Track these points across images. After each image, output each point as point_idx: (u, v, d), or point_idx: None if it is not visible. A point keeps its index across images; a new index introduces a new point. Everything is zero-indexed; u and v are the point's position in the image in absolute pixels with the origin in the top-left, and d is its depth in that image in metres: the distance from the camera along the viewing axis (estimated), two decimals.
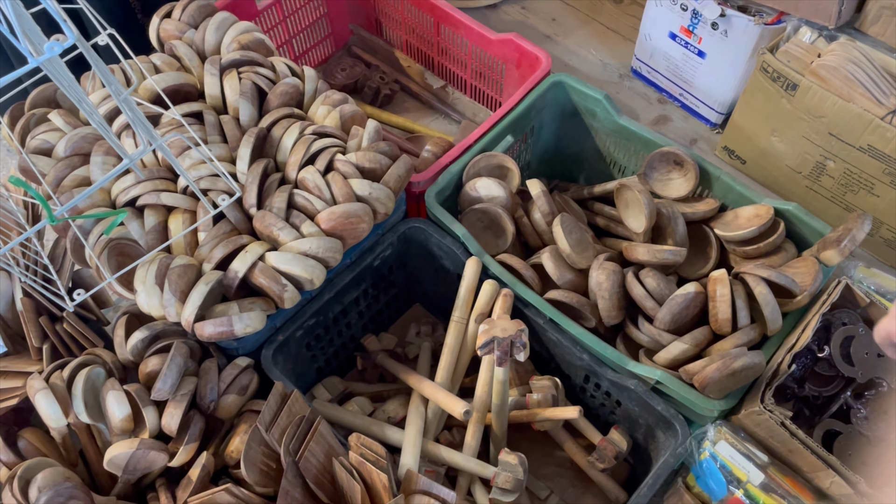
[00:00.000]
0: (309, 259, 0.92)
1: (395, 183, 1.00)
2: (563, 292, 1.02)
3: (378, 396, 1.14)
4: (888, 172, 1.06)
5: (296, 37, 1.49)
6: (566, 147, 1.32)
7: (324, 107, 1.08)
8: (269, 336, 0.99)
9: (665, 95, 1.42)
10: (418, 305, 1.28)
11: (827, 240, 0.98)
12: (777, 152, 1.19)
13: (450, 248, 1.06)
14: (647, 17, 1.31)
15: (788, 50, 1.08)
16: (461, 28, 1.34)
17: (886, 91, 1.03)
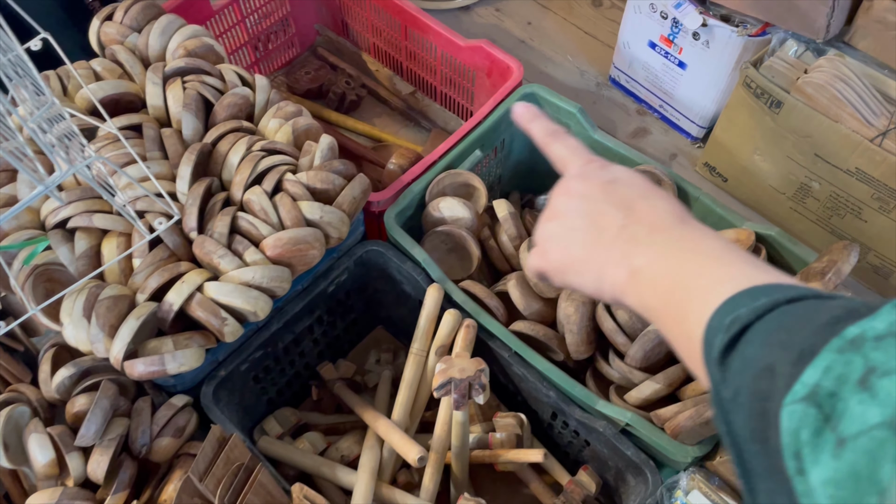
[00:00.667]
0: (252, 290, 0.85)
1: (350, 205, 0.93)
2: (530, 324, 0.95)
3: (335, 429, 1.07)
4: (876, 197, 0.99)
5: (257, 38, 1.41)
6: (540, 161, 1.23)
7: (275, 120, 1.00)
8: (211, 371, 0.91)
9: (644, 106, 1.35)
10: (381, 328, 1.21)
11: (811, 270, 0.91)
12: (760, 171, 1.12)
13: (410, 274, 0.99)
14: (625, 24, 1.24)
15: (773, 65, 1.01)
16: (430, 33, 1.27)
17: (876, 111, 0.96)
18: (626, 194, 0.51)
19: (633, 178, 0.53)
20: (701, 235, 0.47)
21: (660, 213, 0.49)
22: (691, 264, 0.45)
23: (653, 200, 0.50)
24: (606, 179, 0.52)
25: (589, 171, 0.54)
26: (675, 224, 0.48)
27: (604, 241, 0.50)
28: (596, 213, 0.51)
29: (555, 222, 0.54)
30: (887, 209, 0.99)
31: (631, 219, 0.49)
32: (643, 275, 0.47)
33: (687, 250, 0.46)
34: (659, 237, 0.47)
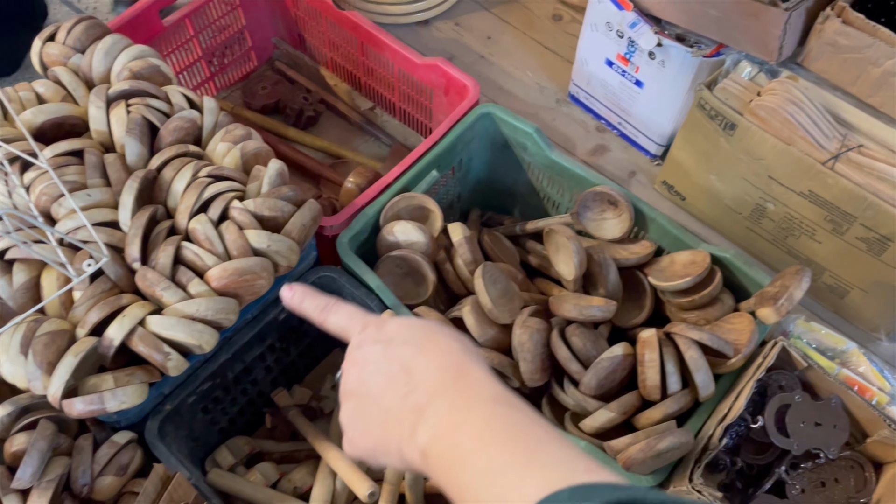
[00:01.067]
0: (196, 323, 0.83)
1: (300, 233, 0.90)
2: (484, 352, 0.93)
3: (290, 457, 1.05)
4: (829, 219, 0.99)
5: (211, 52, 1.38)
6: (499, 180, 1.23)
7: (223, 144, 0.97)
8: (156, 405, 0.89)
9: (604, 123, 1.34)
10: (339, 351, 1.19)
11: (764, 295, 0.91)
12: (717, 191, 1.12)
13: (363, 301, 0.97)
14: (582, 41, 1.23)
15: (726, 87, 1.01)
16: (385, 49, 1.25)
17: (829, 134, 0.96)
18: (402, 355, 0.48)
19: (409, 331, 0.50)
20: (472, 396, 0.44)
21: (435, 372, 0.46)
22: (465, 444, 0.42)
23: (429, 356, 0.47)
24: (383, 341, 0.49)
25: (365, 338, 0.51)
26: (451, 384, 0.45)
27: (392, 418, 0.47)
28: (379, 386, 0.48)
29: (350, 402, 0.51)
30: (840, 231, 0.99)
31: (411, 384, 0.46)
32: (431, 455, 0.44)
33: (460, 424, 0.43)
34: (437, 404, 0.45)
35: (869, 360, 0.95)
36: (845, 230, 0.99)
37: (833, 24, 0.93)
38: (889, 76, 0.92)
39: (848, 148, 0.95)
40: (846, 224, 0.98)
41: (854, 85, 0.97)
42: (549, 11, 1.49)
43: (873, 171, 0.94)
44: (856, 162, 0.95)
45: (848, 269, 1.04)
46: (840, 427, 0.87)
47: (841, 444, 0.86)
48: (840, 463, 0.89)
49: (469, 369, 0.46)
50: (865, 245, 0.98)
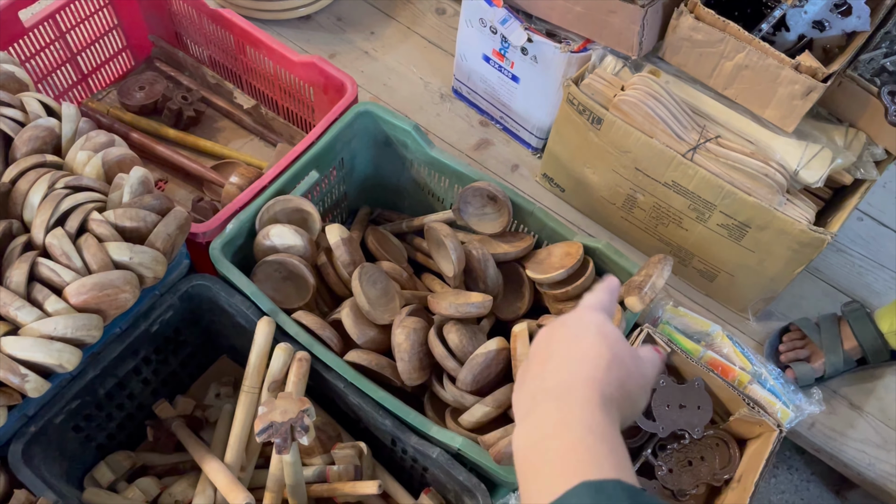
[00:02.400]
0: (55, 342, 0.80)
1: (165, 243, 0.88)
2: (363, 353, 0.94)
3: (175, 469, 1.02)
4: (693, 208, 1.04)
5: (82, 52, 1.32)
6: (385, 177, 1.23)
7: (84, 152, 0.94)
8: (20, 427, 0.85)
9: (487, 118, 1.36)
10: (225, 357, 1.17)
11: (631, 283, 0.94)
12: (592, 183, 1.15)
13: (240, 308, 0.95)
14: (460, 37, 1.24)
15: (592, 82, 1.04)
16: (262, 48, 1.22)
17: (687, 126, 1.00)
18: (561, 343, 0.52)
19: (584, 330, 0.52)
20: (573, 416, 0.47)
21: (564, 375, 0.49)
22: (548, 446, 0.46)
23: (574, 359, 0.50)
24: (565, 325, 0.53)
25: (571, 316, 0.54)
26: (565, 392, 0.48)
27: (524, 390, 0.52)
28: (533, 358, 0.53)
29: (532, 349, 0.55)
30: (703, 219, 1.04)
31: (546, 369, 0.51)
32: (519, 440, 0.48)
33: (557, 427, 0.46)
34: (546, 403, 0.48)
35: (732, 341, 1.00)
36: (707, 218, 1.03)
37: (686, 19, 0.96)
38: (740, 69, 0.97)
39: (706, 139, 0.99)
40: (707, 212, 1.02)
41: (711, 78, 1.01)
42: (432, 5, 1.49)
43: (729, 161, 0.98)
44: (713, 152, 0.99)
45: (713, 254, 1.09)
46: (704, 408, 0.91)
47: (704, 423, 0.90)
48: (706, 442, 0.94)
49: (587, 386, 0.48)
50: (726, 231, 1.03)
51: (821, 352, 1.11)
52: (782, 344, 1.15)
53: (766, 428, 0.90)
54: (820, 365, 1.10)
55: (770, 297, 1.12)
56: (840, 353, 1.09)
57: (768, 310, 1.19)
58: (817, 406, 0.95)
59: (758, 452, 0.90)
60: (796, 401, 0.96)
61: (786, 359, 1.12)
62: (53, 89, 1.31)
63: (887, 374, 1.17)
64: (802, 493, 1.22)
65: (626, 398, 0.50)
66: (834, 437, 1.11)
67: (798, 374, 1.09)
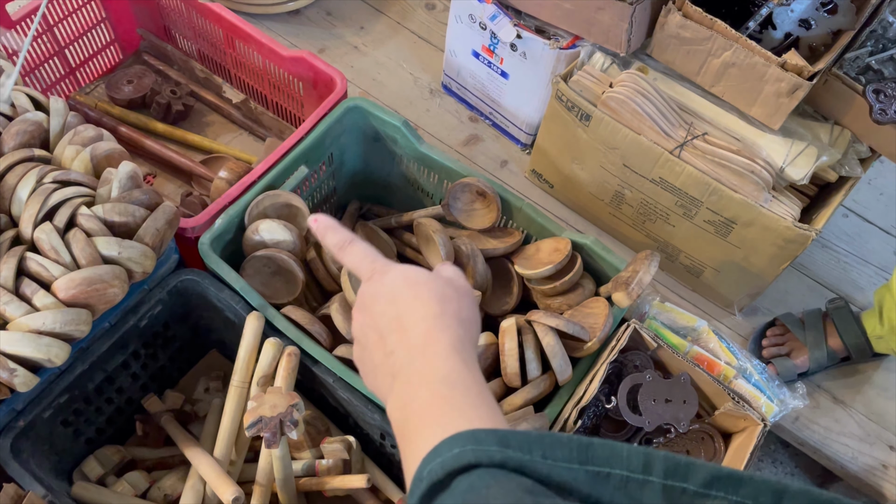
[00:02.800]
0: (43, 337, 0.80)
1: (153, 238, 0.88)
2: (352, 348, 0.94)
3: (164, 463, 1.03)
4: (680, 205, 1.05)
5: (70, 46, 1.32)
6: (374, 172, 1.23)
7: (72, 146, 0.93)
8: (9, 422, 0.85)
9: (476, 113, 1.36)
10: (215, 351, 1.17)
11: (618, 280, 0.95)
12: (580, 179, 1.16)
13: (229, 303, 0.96)
14: (450, 32, 1.25)
15: (580, 79, 1.04)
16: (252, 42, 1.22)
17: (675, 123, 1.01)
18: (388, 313, 0.51)
19: (401, 286, 0.52)
20: (426, 373, 0.47)
21: (407, 339, 0.49)
22: (417, 403, 0.45)
23: (409, 319, 0.50)
24: (381, 295, 0.52)
25: (368, 288, 0.54)
26: (417, 353, 0.48)
27: (379, 373, 0.51)
28: (371, 341, 0.52)
29: (356, 347, 0.55)
30: (690, 215, 1.05)
31: (390, 345, 0.50)
32: (392, 421, 0.48)
33: (409, 402, 0.46)
34: (402, 375, 0.48)
35: (718, 336, 1.01)
36: (694, 214, 1.04)
37: (675, 17, 0.97)
38: (727, 67, 0.98)
39: (693, 136, 1.00)
40: (694, 208, 1.03)
41: (698, 75, 1.02)
42: (422, 1, 1.49)
43: (716, 158, 0.99)
44: (700, 149, 1.00)
45: (700, 250, 1.10)
46: (689, 402, 0.92)
47: (690, 418, 0.91)
48: (692, 435, 0.95)
49: (435, 339, 0.48)
50: (713, 228, 1.04)
51: (804, 347, 1.12)
52: (765, 339, 1.16)
53: (750, 422, 0.92)
54: (803, 361, 1.12)
55: (756, 292, 1.13)
56: (824, 349, 1.11)
57: (754, 305, 1.20)
58: (801, 401, 0.97)
59: (742, 446, 0.91)
60: (780, 395, 0.97)
61: (768, 354, 1.14)
62: (41, 82, 1.31)
63: (870, 368, 1.18)
64: None
65: (467, 322, 0.51)
66: (818, 430, 1.13)
67: (780, 370, 1.11)
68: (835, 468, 1.14)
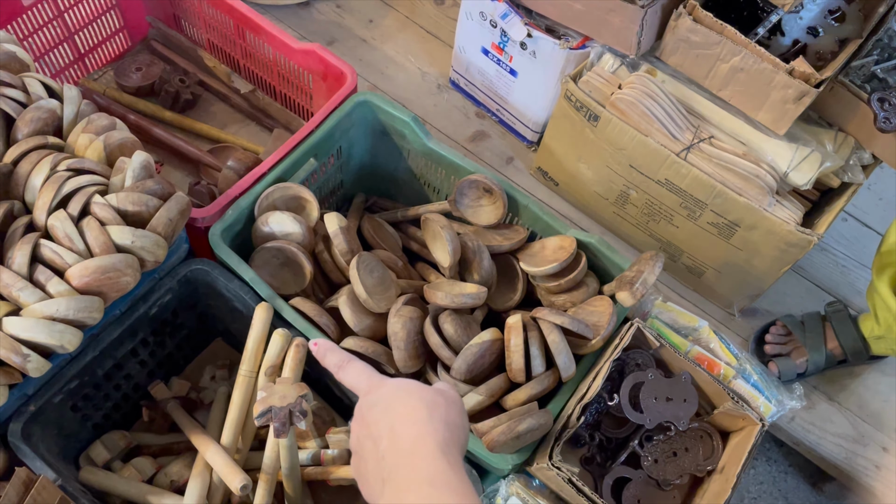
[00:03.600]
0: (57, 324, 0.81)
1: (166, 228, 0.89)
2: (359, 340, 0.95)
3: (169, 449, 1.04)
4: (684, 206, 1.06)
5: (79, 32, 1.32)
6: (381, 165, 1.24)
7: (86, 135, 0.94)
8: (20, 406, 0.87)
9: (483, 109, 1.37)
10: (220, 340, 1.18)
11: (623, 279, 0.97)
12: (585, 178, 1.17)
13: (238, 293, 0.97)
14: (459, 29, 1.25)
15: (590, 80, 1.05)
16: (262, 33, 1.23)
17: (682, 126, 1.02)
18: (382, 423, 0.55)
19: (394, 397, 0.57)
20: (414, 478, 0.51)
21: (396, 445, 0.53)
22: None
23: (399, 427, 0.54)
24: (376, 405, 0.57)
25: (366, 402, 0.58)
26: (405, 458, 0.52)
27: (372, 479, 0.54)
28: (366, 450, 0.56)
29: (355, 457, 0.58)
30: (694, 217, 1.06)
31: (380, 453, 0.54)
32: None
33: (407, 488, 0.51)
34: (392, 480, 0.52)
35: (718, 336, 1.02)
36: (698, 216, 1.05)
37: (685, 21, 0.98)
38: (735, 72, 0.99)
39: (700, 139, 1.01)
40: (699, 210, 1.04)
41: (706, 79, 1.03)
42: None
43: (722, 162, 1.00)
44: (706, 153, 1.01)
45: (702, 251, 1.11)
46: (689, 401, 0.94)
47: (690, 416, 0.93)
48: (691, 433, 0.97)
49: (423, 442, 0.53)
50: (716, 230, 1.06)
51: (804, 349, 1.14)
52: (768, 335, 1.18)
53: (749, 422, 0.93)
54: (802, 362, 1.14)
55: (755, 294, 1.15)
56: (823, 352, 1.13)
57: (752, 306, 1.22)
58: (798, 402, 0.98)
59: (740, 445, 0.93)
60: (778, 396, 0.99)
61: (770, 351, 1.16)
62: (50, 68, 1.31)
63: (865, 371, 1.21)
64: (780, 484, 1.26)
65: (456, 429, 0.55)
66: (812, 430, 1.15)
67: (781, 369, 1.12)
68: (828, 468, 1.16)
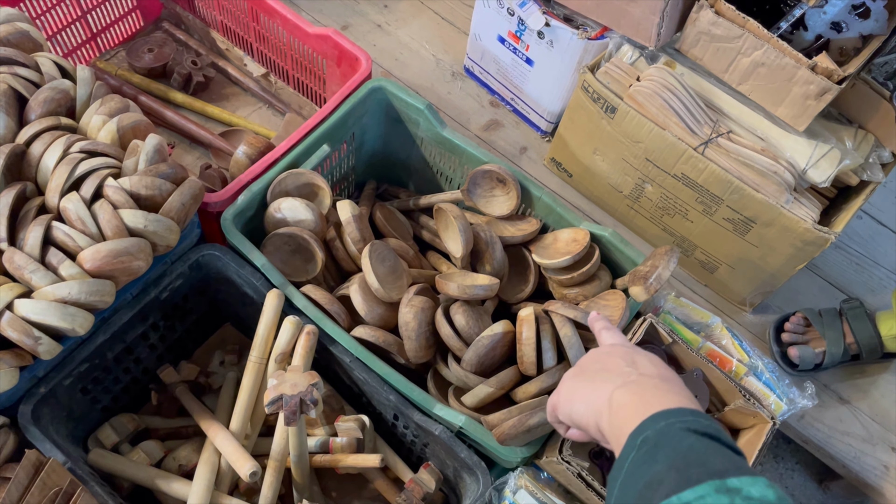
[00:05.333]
0: (69, 307, 0.80)
1: (179, 213, 0.88)
2: (370, 330, 0.95)
3: (177, 433, 1.04)
4: (700, 201, 1.05)
5: (92, 11, 1.31)
6: (393, 153, 1.23)
7: (98, 116, 0.93)
8: (30, 388, 0.87)
9: (497, 98, 1.36)
10: (229, 325, 1.18)
11: (637, 273, 0.96)
12: (600, 170, 1.16)
13: (249, 279, 0.96)
14: (476, 16, 1.24)
15: (608, 71, 1.04)
16: (276, 17, 1.22)
17: (700, 120, 1.01)
18: (629, 354, 0.66)
19: (642, 353, 0.67)
20: (660, 383, 0.62)
21: (650, 368, 0.64)
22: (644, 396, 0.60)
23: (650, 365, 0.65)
24: (623, 347, 0.69)
25: (609, 343, 0.72)
26: (658, 381, 0.62)
27: (609, 374, 0.64)
28: (608, 362, 0.66)
29: (575, 371, 0.69)
30: (710, 212, 1.05)
31: (633, 366, 0.64)
32: (614, 403, 0.61)
33: (647, 388, 0.61)
34: (642, 380, 0.62)
35: (731, 333, 1.02)
36: (714, 211, 1.04)
37: (707, 14, 0.97)
38: (756, 66, 0.97)
39: (718, 134, 1.00)
40: (714, 206, 1.03)
41: (726, 72, 1.02)
42: None
43: (740, 157, 0.99)
44: (724, 148, 1.00)
45: (717, 246, 1.10)
46: (701, 397, 0.94)
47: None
48: None
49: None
50: (731, 225, 1.04)
51: (822, 341, 1.14)
52: (787, 323, 1.17)
53: (760, 420, 0.93)
54: (821, 352, 1.13)
55: (768, 290, 1.14)
56: (842, 345, 1.12)
57: (765, 303, 1.21)
58: (810, 400, 0.98)
59: (750, 443, 0.93)
60: (790, 394, 0.98)
61: (788, 339, 1.15)
62: (62, 47, 1.30)
63: (877, 369, 1.20)
64: (787, 481, 1.25)
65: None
66: (822, 429, 1.14)
67: (801, 355, 1.12)
68: (837, 467, 1.15)
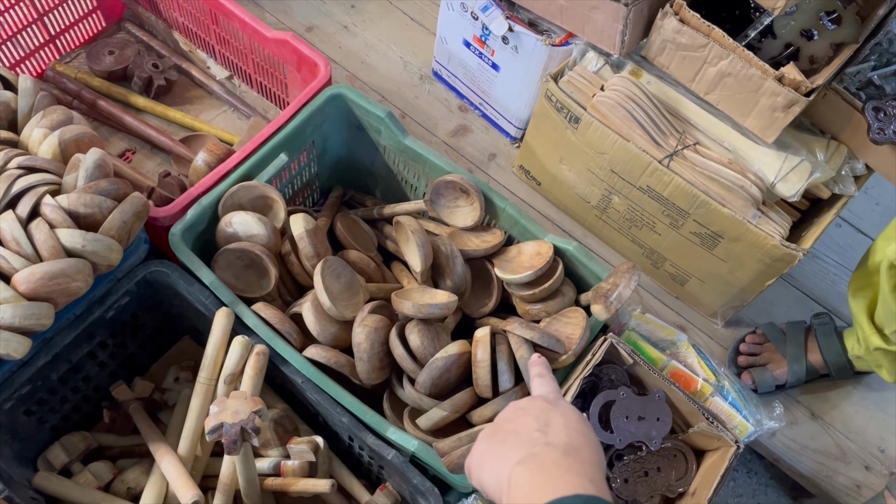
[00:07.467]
0: (2, 332, 0.77)
1: (120, 231, 0.85)
2: (322, 350, 0.92)
3: (131, 451, 1.01)
4: (667, 214, 1.02)
5: (50, 12, 1.27)
6: (358, 160, 1.20)
7: (39, 129, 0.90)
8: None
9: (466, 103, 1.32)
10: (188, 338, 1.15)
11: (598, 290, 0.93)
12: (567, 180, 1.13)
13: (198, 296, 0.93)
14: (441, 19, 1.20)
15: (571, 80, 1.00)
16: (234, 19, 1.18)
17: (666, 131, 0.98)
18: (553, 416, 0.60)
19: (571, 412, 0.62)
20: (562, 459, 0.56)
21: (562, 435, 0.58)
22: (543, 476, 0.55)
23: (572, 431, 0.59)
24: (551, 404, 0.62)
25: (540, 398, 0.64)
26: (572, 451, 0.57)
27: (518, 440, 0.59)
28: (525, 424, 0.60)
29: (491, 430, 0.63)
30: (677, 226, 1.02)
31: (544, 430, 0.59)
32: (515, 477, 0.56)
33: (547, 465, 0.56)
34: (550, 452, 0.56)
35: (697, 351, 0.99)
36: (681, 225, 1.01)
37: (671, 21, 0.93)
38: (723, 76, 0.94)
39: (684, 146, 0.97)
40: (681, 219, 1.00)
41: (693, 82, 0.98)
42: None
43: (706, 171, 0.96)
44: (690, 160, 0.97)
45: (685, 260, 1.07)
46: (663, 420, 0.91)
47: (663, 435, 0.90)
48: (664, 452, 0.94)
49: (589, 452, 0.58)
50: (699, 239, 1.01)
51: (783, 360, 1.11)
52: (742, 344, 1.14)
53: (723, 443, 0.90)
54: (781, 373, 1.10)
55: (740, 304, 1.11)
56: (804, 363, 1.09)
57: (738, 316, 1.18)
58: (777, 422, 0.95)
59: (714, 467, 0.90)
60: (757, 415, 0.95)
61: (744, 362, 1.12)
62: (20, 50, 1.26)
63: (851, 384, 1.17)
64: (760, 497, 1.23)
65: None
66: (794, 447, 1.12)
67: (758, 380, 1.09)
68: (808, 486, 1.13)
